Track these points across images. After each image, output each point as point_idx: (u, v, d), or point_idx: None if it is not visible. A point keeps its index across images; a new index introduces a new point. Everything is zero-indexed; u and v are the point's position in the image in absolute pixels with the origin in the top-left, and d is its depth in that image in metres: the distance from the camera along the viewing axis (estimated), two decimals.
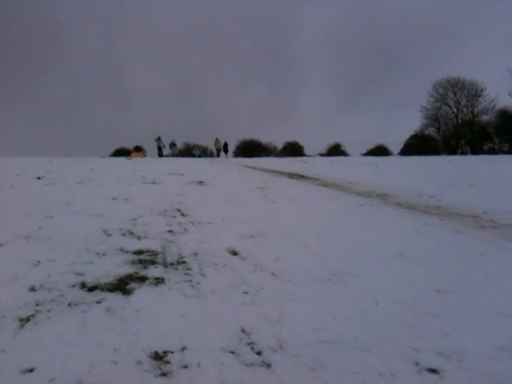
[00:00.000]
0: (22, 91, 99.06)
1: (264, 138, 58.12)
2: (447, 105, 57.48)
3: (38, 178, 12.38)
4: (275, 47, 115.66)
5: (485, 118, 55.82)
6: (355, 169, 19.45)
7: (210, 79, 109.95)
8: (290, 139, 56.69)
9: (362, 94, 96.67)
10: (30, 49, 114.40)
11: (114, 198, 8.99)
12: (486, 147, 53.58)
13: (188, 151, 47.19)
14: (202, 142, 52.55)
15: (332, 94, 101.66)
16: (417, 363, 2.70)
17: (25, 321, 3.22)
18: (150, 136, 40.29)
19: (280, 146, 57.07)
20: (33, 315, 3.31)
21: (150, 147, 40.15)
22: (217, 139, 39.93)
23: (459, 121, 57.02)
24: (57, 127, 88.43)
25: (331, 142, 56.20)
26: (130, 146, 49.98)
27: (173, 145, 39.70)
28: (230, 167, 20.54)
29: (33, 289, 3.83)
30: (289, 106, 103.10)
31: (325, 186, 12.54)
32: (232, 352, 2.82)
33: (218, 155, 39.78)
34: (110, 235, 5.81)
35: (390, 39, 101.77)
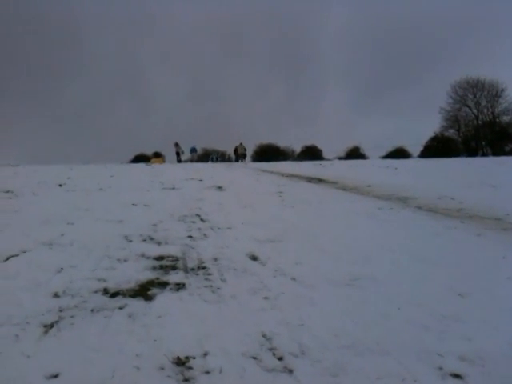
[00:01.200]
0: (42, 98, 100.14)
1: (282, 142, 58.02)
2: (467, 106, 56.77)
3: (59, 185, 12.53)
4: (294, 48, 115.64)
5: (506, 118, 55.00)
6: (374, 172, 19.31)
7: (228, 82, 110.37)
8: (309, 143, 56.47)
9: (381, 95, 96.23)
10: (49, 55, 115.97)
11: (133, 204, 9.06)
12: (507, 148, 52.74)
13: (206, 156, 47.33)
14: (220, 147, 52.75)
15: (351, 96, 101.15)
16: (440, 368, 2.68)
17: (49, 327, 3.26)
18: (169, 141, 40.66)
19: (298, 149, 56.91)
20: (56, 321, 3.36)
21: (169, 153, 40.39)
22: (241, 144, 40.12)
23: (479, 122, 56.28)
24: (77, 134, 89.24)
25: (350, 145, 55.73)
26: (148, 151, 50.26)
27: (193, 150, 39.94)
28: (248, 172, 20.57)
29: (56, 295, 3.89)
30: (308, 108, 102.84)
31: (344, 189, 12.48)
32: (253, 357, 2.83)
33: (237, 160, 39.87)
34: (130, 241, 5.86)
35: (411, 39, 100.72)
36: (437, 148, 49.50)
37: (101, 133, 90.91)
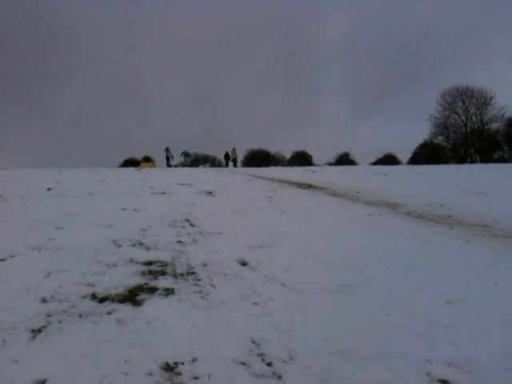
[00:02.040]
0: (38, 102, 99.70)
1: (275, 147, 58.16)
2: (456, 113, 57.32)
3: (49, 189, 12.47)
4: (293, 54, 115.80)
5: (494, 126, 55.62)
6: (364, 178, 19.40)
7: (225, 88, 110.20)
8: (300, 149, 56.56)
9: (375, 103, 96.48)
10: (46, 59, 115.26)
11: (123, 209, 9.03)
12: (495, 156, 53.27)
13: (197, 161, 47.30)
14: (214, 152, 52.62)
15: (349, 102, 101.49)
16: (428, 374, 2.68)
17: (36, 332, 3.23)
18: (165, 145, 40.62)
19: (288, 155, 57.02)
20: (44, 326, 3.33)
21: (161, 157, 40.35)
22: (234, 149, 40.22)
23: (468, 129, 56.81)
24: (72, 138, 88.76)
25: (340, 150, 55.94)
26: (143, 155, 50.18)
27: (187, 155, 40.01)
28: (238, 177, 20.57)
29: (44, 300, 3.86)
30: (305, 114, 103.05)
31: (334, 195, 12.52)
32: (242, 363, 2.82)
33: (227, 165, 39.93)
34: (120, 246, 5.84)
35: (406, 47, 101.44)
36: (426, 155, 49.87)
37: (97, 137, 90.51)
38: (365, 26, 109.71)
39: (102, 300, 3.90)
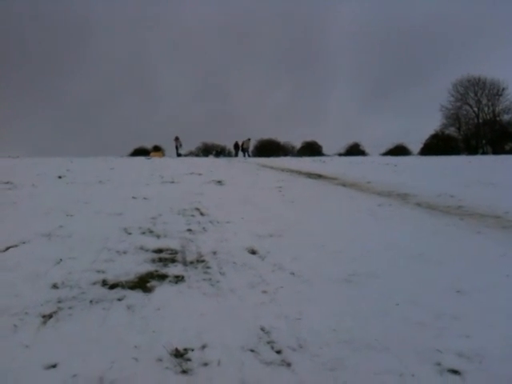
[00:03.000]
0: (48, 91, 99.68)
1: (283, 138, 58.01)
2: (468, 104, 56.81)
3: (59, 178, 12.55)
4: (302, 46, 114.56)
5: (506, 117, 55.08)
6: (374, 168, 19.31)
7: (235, 78, 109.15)
8: (310, 139, 56.51)
9: (386, 93, 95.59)
10: (56, 49, 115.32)
11: (133, 197, 9.07)
12: (507, 147, 52.77)
13: (206, 151, 47.35)
14: (222, 142, 52.59)
15: (359, 94, 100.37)
16: (438, 364, 2.68)
17: (47, 317, 3.27)
18: (172, 135, 40.49)
19: (298, 145, 56.94)
20: (55, 312, 3.36)
21: (171, 147, 40.21)
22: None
23: (480, 120, 56.32)
24: (80, 128, 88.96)
25: (350, 141, 55.74)
26: (152, 144, 50.29)
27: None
28: (248, 167, 20.57)
29: (55, 286, 3.89)
30: (313, 106, 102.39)
31: (343, 185, 12.48)
32: (252, 350, 2.83)
33: (236, 155, 39.88)
34: (130, 234, 5.87)
35: (420, 38, 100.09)
36: (437, 146, 49.55)
37: (105, 127, 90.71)
38: (377, 16, 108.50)
39: (113, 287, 3.93)
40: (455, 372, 2.59)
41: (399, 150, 49.56)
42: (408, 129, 79.37)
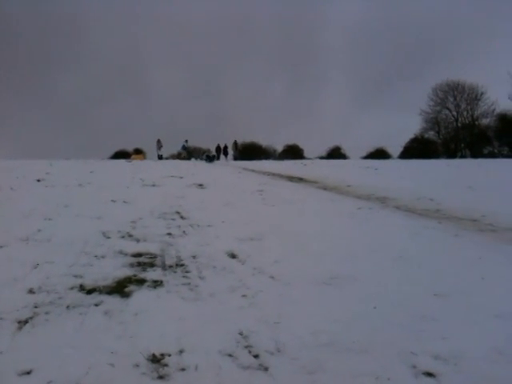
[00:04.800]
0: (33, 91, 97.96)
1: (266, 141, 57.97)
2: (447, 108, 57.39)
3: (38, 181, 12.38)
4: (297, 45, 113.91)
5: (485, 121, 55.71)
6: (355, 172, 19.44)
7: (227, 79, 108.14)
8: (292, 142, 56.61)
9: (378, 93, 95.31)
10: (46, 46, 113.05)
11: (113, 201, 8.99)
12: (485, 151, 53.48)
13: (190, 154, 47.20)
14: (212, 143, 52.28)
15: (349, 93, 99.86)
16: (414, 366, 2.70)
17: (23, 323, 3.22)
18: (165, 135, 40.27)
19: (280, 148, 57.02)
20: (31, 317, 3.32)
21: (154, 149, 39.87)
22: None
23: (459, 124, 56.97)
24: (68, 127, 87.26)
25: (332, 144, 55.97)
26: (135, 147, 49.90)
27: (183, 147, 39.87)
28: (229, 170, 20.56)
29: (31, 291, 3.84)
30: (304, 106, 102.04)
31: (324, 189, 12.55)
32: (229, 355, 2.82)
33: (218, 158, 39.86)
34: (109, 238, 5.82)
35: (414, 38, 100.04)
36: (417, 149, 50.03)
37: (94, 127, 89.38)
38: (373, 15, 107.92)
39: (90, 291, 3.89)
40: (430, 374, 2.62)
41: (379, 154, 49.95)
42: (396, 130, 79.59)
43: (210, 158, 31.12)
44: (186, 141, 39.06)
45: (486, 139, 53.82)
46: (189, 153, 38.70)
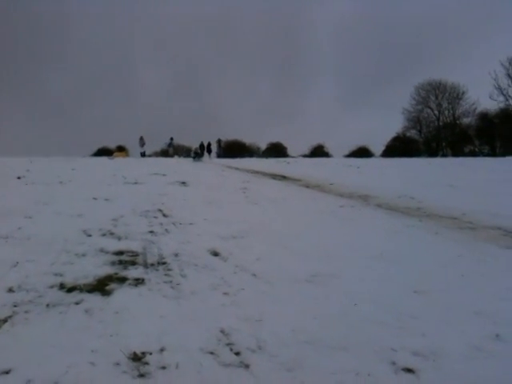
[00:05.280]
0: (22, 89, 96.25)
1: (250, 139, 57.99)
2: (429, 107, 57.98)
3: (18, 178, 12.23)
4: (283, 45, 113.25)
5: (466, 120, 56.41)
6: (337, 170, 19.55)
7: (214, 77, 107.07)
8: (276, 140, 56.65)
9: (364, 93, 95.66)
10: (31, 43, 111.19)
11: (94, 199, 8.92)
12: (466, 149, 54.18)
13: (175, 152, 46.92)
14: (194, 142, 52.11)
15: (334, 93, 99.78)
16: (393, 363, 2.73)
17: (2, 322, 3.18)
18: (150, 133, 40.09)
19: (264, 146, 57.04)
20: (10, 316, 3.28)
21: (137, 147, 39.61)
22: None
23: (440, 123, 57.59)
24: (53, 125, 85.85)
25: (315, 143, 56.16)
26: (117, 144, 49.38)
27: (170, 144, 39.85)
28: (212, 168, 20.53)
29: (11, 290, 3.80)
30: (292, 105, 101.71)
31: (307, 187, 12.60)
32: (211, 353, 2.82)
33: (202, 155, 39.78)
34: (90, 236, 5.77)
35: (403, 39, 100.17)
36: (399, 148, 50.48)
37: (80, 124, 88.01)
38: (360, 14, 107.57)
39: (70, 290, 3.86)
40: (409, 370, 2.65)
41: (362, 152, 50.26)
42: (372, 129, 79.94)
43: (199, 155, 30.73)
44: (172, 138, 39.03)
45: (467, 138, 54.50)
46: (174, 150, 38.66)
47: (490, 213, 7.87)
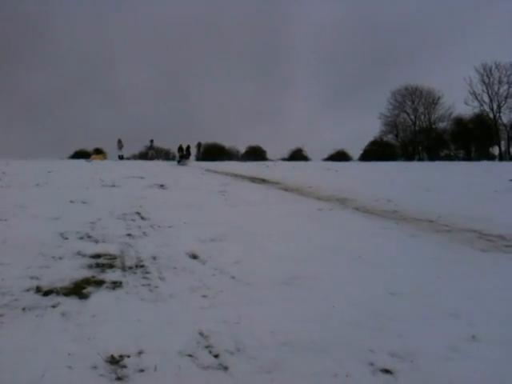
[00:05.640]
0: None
1: (229, 142, 57.98)
2: (405, 112, 58.83)
3: None
4: (267, 46, 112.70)
5: (441, 125, 57.44)
6: (316, 173, 19.68)
7: (195, 79, 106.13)
8: (255, 143, 56.81)
9: (339, 100, 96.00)
10: (10, 44, 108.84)
11: (71, 201, 8.84)
12: (442, 154, 55.09)
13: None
14: (173, 145, 51.74)
15: (315, 96, 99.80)
16: (371, 364, 2.75)
17: None
18: (129, 135, 39.78)
19: (243, 149, 57.14)
20: None
21: (115, 149, 39.21)
22: (200, 142, 40.23)
23: (417, 128, 58.45)
24: (31, 127, 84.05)
25: (294, 146, 56.46)
26: (95, 147, 48.90)
27: (150, 147, 39.67)
28: (191, 171, 20.47)
29: None
30: (272, 108, 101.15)
31: (286, 190, 12.65)
32: (189, 355, 2.81)
33: (187, 158, 39.65)
34: (66, 239, 5.71)
35: (385, 41, 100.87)
36: (376, 152, 51.06)
37: (60, 126, 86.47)
38: (343, 17, 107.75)
39: (47, 293, 3.81)
40: (387, 371, 2.68)
41: (340, 156, 50.71)
42: (349, 134, 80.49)
43: (184, 158, 29.54)
44: (152, 141, 38.86)
45: (442, 142, 55.45)
46: (154, 153, 38.46)
47: (466, 216, 8.01)
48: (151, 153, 39.49)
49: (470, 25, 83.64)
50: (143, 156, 43.91)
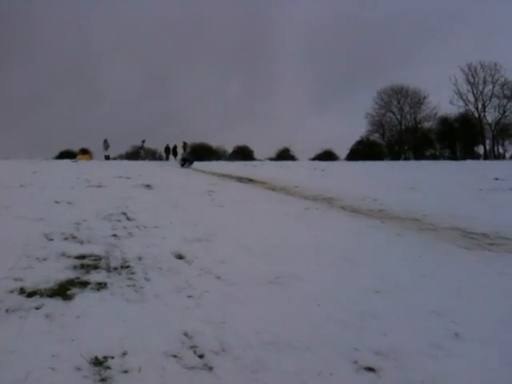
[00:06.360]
0: None
1: (216, 142, 58.00)
2: (391, 112, 59.23)
3: None
4: (252, 46, 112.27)
5: (427, 124, 57.93)
6: (303, 173, 19.72)
7: (181, 78, 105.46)
8: (242, 143, 56.95)
9: (326, 99, 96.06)
10: None
11: (56, 202, 8.76)
12: (427, 153, 55.58)
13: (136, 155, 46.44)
14: (159, 145, 51.56)
15: (303, 96, 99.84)
16: (355, 362, 2.77)
17: None
18: (115, 135, 39.53)
19: (230, 149, 57.20)
20: None
21: (101, 149, 38.96)
22: (185, 143, 39.96)
23: (403, 127, 58.87)
24: (15, 127, 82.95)
25: (281, 146, 56.66)
26: (80, 147, 48.57)
27: (142, 147, 39.48)
28: (178, 170, 20.41)
29: None
30: (261, 107, 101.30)
31: (273, 189, 12.67)
32: (174, 356, 2.81)
33: (167, 159, 39.45)
34: (51, 240, 5.66)
35: (374, 41, 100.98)
36: (362, 151, 51.34)
37: (42, 126, 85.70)
38: (330, 17, 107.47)
39: (31, 295, 3.78)
40: (371, 369, 2.70)
41: (327, 155, 50.96)
42: (337, 133, 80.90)
43: (189, 162, 25.14)
44: (144, 141, 38.67)
45: (428, 142, 55.90)
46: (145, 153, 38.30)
47: (450, 214, 8.09)
48: (143, 153, 39.28)
49: (456, 25, 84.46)
50: (135, 156, 43.63)
